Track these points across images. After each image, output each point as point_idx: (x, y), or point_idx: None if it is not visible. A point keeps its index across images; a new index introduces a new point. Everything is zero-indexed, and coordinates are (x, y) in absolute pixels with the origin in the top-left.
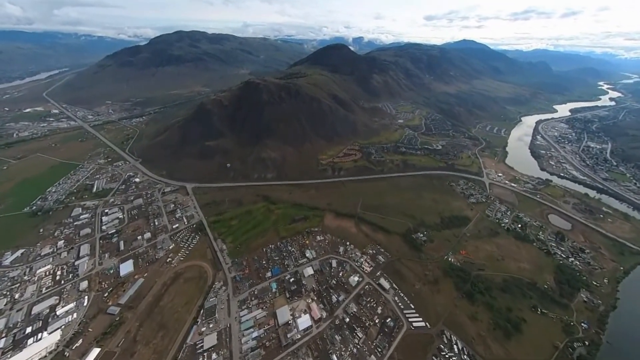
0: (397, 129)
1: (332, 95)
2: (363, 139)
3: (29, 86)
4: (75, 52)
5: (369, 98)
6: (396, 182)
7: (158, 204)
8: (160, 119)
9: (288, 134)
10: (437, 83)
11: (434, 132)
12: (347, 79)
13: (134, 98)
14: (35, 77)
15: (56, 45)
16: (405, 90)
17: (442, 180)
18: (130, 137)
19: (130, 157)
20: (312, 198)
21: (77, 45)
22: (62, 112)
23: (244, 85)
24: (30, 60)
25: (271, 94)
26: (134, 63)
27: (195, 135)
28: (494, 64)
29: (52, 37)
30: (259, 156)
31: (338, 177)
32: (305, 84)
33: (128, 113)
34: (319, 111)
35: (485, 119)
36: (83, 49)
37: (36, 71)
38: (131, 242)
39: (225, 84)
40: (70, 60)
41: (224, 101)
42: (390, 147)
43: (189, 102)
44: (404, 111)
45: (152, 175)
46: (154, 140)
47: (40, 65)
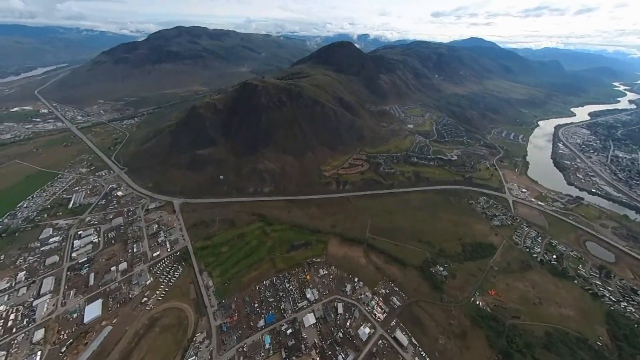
0: (407, 135)
1: (336, 98)
2: (370, 147)
3: (22, 83)
4: (75, 47)
5: (376, 100)
6: (408, 198)
7: (140, 224)
8: (152, 121)
9: (288, 142)
10: (446, 83)
11: (447, 138)
12: (353, 79)
13: (128, 97)
14: (30, 73)
15: (55, 40)
16: (414, 92)
17: (459, 196)
18: (119, 141)
19: (115, 165)
20: (314, 218)
21: (78, 41)
22: (51, 112)
23: (240, 87)
24: (27, 55)
25: (270, 97)
26: (129, 60)
27: (186, 142)
28: (504, 63)
29: (53, 32)
30: (255, 167)
31: (343, 192)
32: (307, 85)
33: (119, 114)
34: (323, 116)
35: (499, 123)
36: (83, 44)
37: (32, 67)
38: (103, 274)
39: (224, 82)
40: (69, 55)
41: (218, 105)
42: (400, 156)
43: (184, 102)
44: (413, 115)
45: (136, 187)
46: (142, 147)
47: (38, 60)
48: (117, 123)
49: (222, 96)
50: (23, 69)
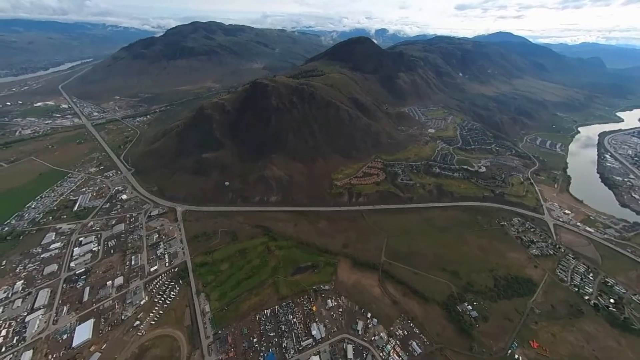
0: (428, 141)
1: (352, 99)
2: (387, 154)
3: (50, 78)
4: (100, 42)
5: (394, 101)
6: (430, 215)
7: (140, 232)
8: (163, 119)
9: (298, 147)
10: (472, 83)
11: (473, 146)
12: (370, 78)
13: (142, 93)
14: (58, 67)
15: (83, 36)
16: (436, 92)
17: (489, 216)
18: (129, 140)
19: (123, 165)
20: (323, 234)
21: (103, 36)
22: (70, 108)
23: (250, 87)
24: (57, 50)
25: (281, 97)
26: (146, 55)
27: (193, 144)
28: (537, 61)
29: (81, 28)
30: (262, 174)
31: (356, 205)
32: (321, 85)
33: (133, 110)
34: (336, 119)
35: (533, 129)
36: (108, 40)
37: (61, 62)
38: (98, 289)
39: (236, 79)
40: (94, 51)
41: (227, 105)
42: (420, 166)
43: (196, 99)
44: (435, 118)
45: (141, 191)
46: (150, 147)
47: (66, 55)
48: (129, 120)
49: (231, 96)
50: (52, 63)
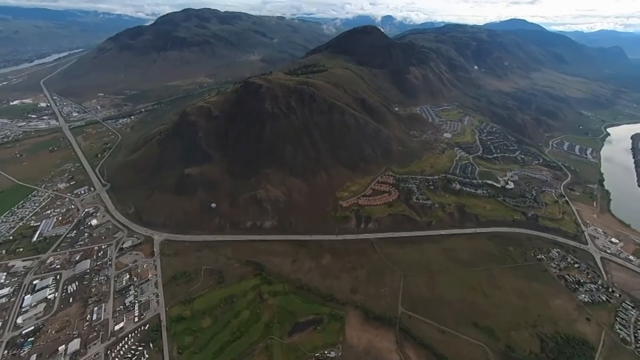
0: (445, 149)
1: (358, 100)
2: (399, 165)
3: (33, 71)
4: (91, 31)
5: (405, 100)
6: (452, 246)
7: (108, 271)
8: (149, 121)
9: (297, 159)
10: (487, 77)
11: (495, 154)
12: (378, 73)
13: (128, 90)
14: (44, 59)
15: (73, 24)
16: (449, 88)
17: (522, 246)
18: (108, 147)
19: (98, 179)
20: (327, 273)
21: (94, 24)
22: (48, 107)
23: (241, 88)
24: (44, 40)
25: (276, 101)
26: (134, 47)
27: (175, 156)
28: (555, 51)
29: (72, 16)
30: (255, 195)
31: (365, 232)
32: (323, 83)
33: (117, 110)
34: (341, 125)
35: (558, 130)
36: (99, 28)
37: (47, 53)
38: (47, 358)
39: (231, 73)
40: (84, 40)
41: (214, 110)
42: (438, 181)
43: (186, 97)
44: (450, 119)
45: (115, 214)
46: (129, 158)
47: (53, 46)
48: (111, 122)
49: (219, 98)
50: (38, 55)
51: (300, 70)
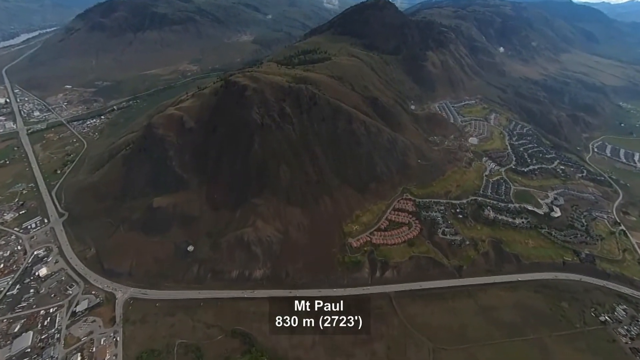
0: (472, 160)
1: (369, 100)
2: (419, 184)
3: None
4: (65, 5)
5: (421, 93)
6: (490, 301)
7: (54, 351)
8: (121, 123)
9: (294, 183)
10: (513, 61)
11: (531, 165)
12: (391, 61)
13: (100, 81)
14: (11, 40)
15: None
16: (471, 77)
17: (578, 301)
18: (71, 159)
19: (54, 206)
20: (336, 348)
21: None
22: (8, 104)
23: (221, 89)
24: (13, 17)
25: (267, 107)
26: (106, 26)
27: (142, 181)
28: (584, 27)
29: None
30: (241, 237)
31: (381, 283)
32: (325, 78)
33: (85, 108)
34: (348, 136)
35: (597, 129)
36: (73, 2)
37: (15, 33)
38: None
39: (219, 57)
40: (58, 16)
41: (188, 120)
42: (466, 206)
43: (167, 89)
44: (474, 117)
45: (71, 259)
46: (91, 178)
47: (24, 23)
48: (77, 124)
49: (195, 102)
50: (5, 35)
51: (297, 57)
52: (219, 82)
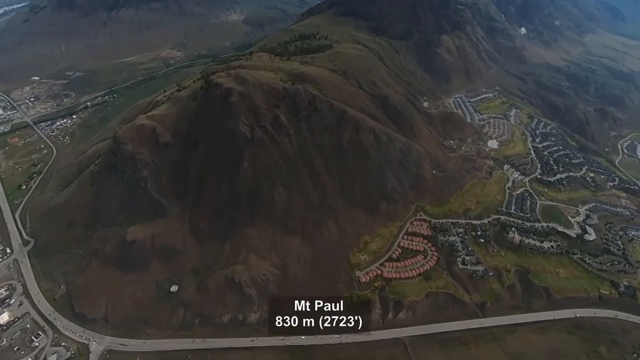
0: (492, 169)
1: (378, 99)
2: (434, 200)
3: None
4: None
5: (434, 86)
6: (520, 347)
7: None
8: (94, 125)
9: (292, 207)
10: (533, 44)
11: (558, 173)
12: (401, 47)
13: (71, 72)
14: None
15: None
16: (488, 65)
17: (617, 344)
18: (38, 170)
19: (19, 230)
20: None
21: None
22: None
23: (201, 92)
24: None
25: (257, 115)
26: (75, 4)
27: (113, 205)
28: (608, 2)
29: None
30: (232, 278)
31: (393, 327)
32: (327, 74)
33: (55, 104)
34: (355, 147)
35: (626, 125)
36: None
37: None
38: None
39: (206, 41)
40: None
41: (162, 132)
42: (488, 227)
43: (147, 82)
44: (492, 114)
45: (38, 301)
46: (58, 198)
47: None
48: (46, 126)
49: (171, 108)
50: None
51: (293, 44)
52: (198, 80)
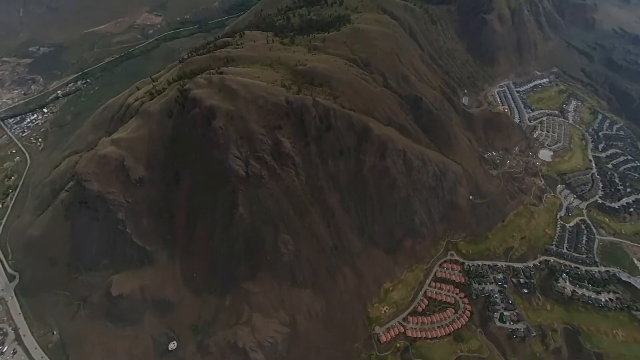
0: (543, 191)
1: (410, 101)
2: (468, 235)
3: None
4: None
5: (477, 70)
6: None
7: None
8: (68, 123)
9: (300, 256)
10: (607, 3)
11: (624, 196)
12: (440, 15)
13: (36, 46)
14: None
15: None
16: (547, 35)
17: None
18: (13, 185)
19: (1, 262)
20: None
21: None
22: None
23: (177, 109)
24: None
25: (252, 144)
26: None
27: (93, 248)
28: None
29: None
30: (234, 342)
31: None
32: (344, 71)
33: (22, 93)
34: (379, 177)
35: None
36: None
37: None
38: None
39: (191, 4)
40: None
41: (134, 165)
42: (533, 273)
43: (125, 60)
44: (547, 111)
45: (31, 348)
46: (36, 229)
47: None
48: (15, 123)
49: (141, 128)
50: None
51: (297, 14)
52: (174, 83)
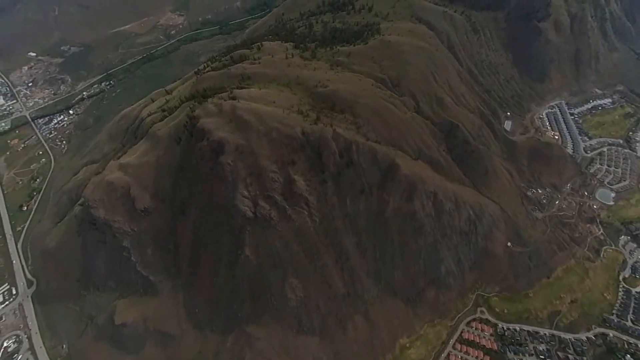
0: (602, 243)
1: (445, 129)
2: (504, 290)
3: None
4: None
5: (522, 88)
6: None
7: None
8: (90, 127)
9: (309, 301)
10: None
11: None
12: (485, 23)
13: (67, 45)
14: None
15: None
16: (612, 45)
17: None
18: (37, 187)
19: (23, 266)
20: None
21: None
22: None
23: (185, 136)
24: None
25: (262, 182)
26: None
27: (101, 268)
28: None
29: None
30: None
31: None
32: (369, 96)
33: (52, 92)
34: (404, 220)
35: None
36: None
37: None
38: None
39: (212, 2)
40: None
41: (140, 194)
42: (586, 347)
43: (147, 62)
44: (605, 139)
45: (42, 357)
46: (52, 238)
47: None
48: (43, 123)
49: (146, 156)
50: None
51: (320, 21)
52: (184, 105)
